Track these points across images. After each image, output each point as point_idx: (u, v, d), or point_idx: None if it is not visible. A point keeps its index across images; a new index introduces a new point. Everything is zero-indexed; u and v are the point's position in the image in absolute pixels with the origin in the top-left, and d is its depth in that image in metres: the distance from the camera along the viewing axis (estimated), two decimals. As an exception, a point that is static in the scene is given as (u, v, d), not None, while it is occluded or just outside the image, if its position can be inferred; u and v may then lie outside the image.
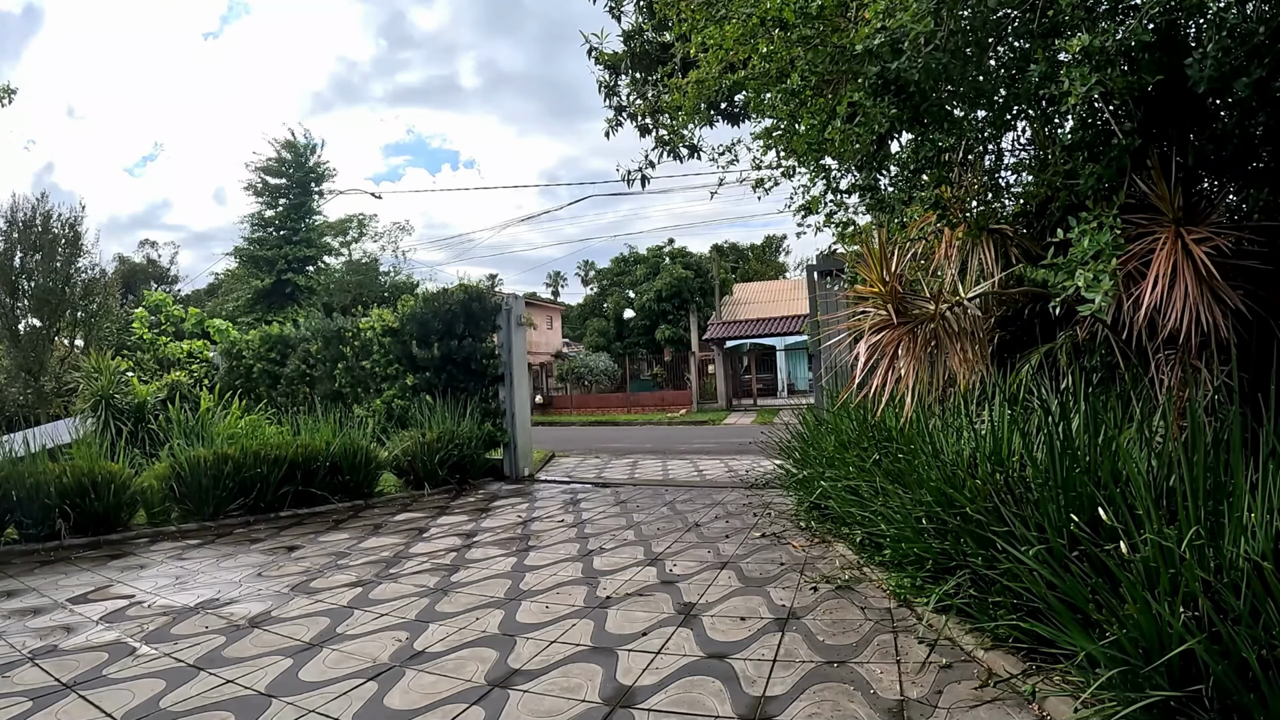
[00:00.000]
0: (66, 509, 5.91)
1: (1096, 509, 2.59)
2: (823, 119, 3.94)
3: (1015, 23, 3.50)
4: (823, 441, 6.31)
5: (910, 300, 4.48)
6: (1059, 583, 2.46)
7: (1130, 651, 2.11)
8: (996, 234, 4.44)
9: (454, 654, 3.24)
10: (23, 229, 16.75)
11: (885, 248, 4.49)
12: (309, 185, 28.92)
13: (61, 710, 2.79)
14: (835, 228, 4.26)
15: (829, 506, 5.04)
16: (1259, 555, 2.08)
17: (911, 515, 3.70)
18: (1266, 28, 2.86)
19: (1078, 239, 3.06)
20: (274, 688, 2.93)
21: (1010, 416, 3.63)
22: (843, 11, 3.90)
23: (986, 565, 2.98)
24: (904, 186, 3.89)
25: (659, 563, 4.70)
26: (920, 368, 4.22)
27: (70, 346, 17.98)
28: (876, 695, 2.60)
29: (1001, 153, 4.64)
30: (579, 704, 2.66)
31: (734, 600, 3.82)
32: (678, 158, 8.14)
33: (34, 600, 4.46)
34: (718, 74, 4.65)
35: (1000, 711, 2.41)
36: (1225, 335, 3.27)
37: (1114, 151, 3.29)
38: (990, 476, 3.34)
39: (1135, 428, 3.20)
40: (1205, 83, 2.86)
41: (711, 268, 33.71)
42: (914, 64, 3.44)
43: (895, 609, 3.50)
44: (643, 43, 8.29)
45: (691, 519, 6.11)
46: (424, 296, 10.30)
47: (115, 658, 3.36)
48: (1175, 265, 3.35)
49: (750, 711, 2.54)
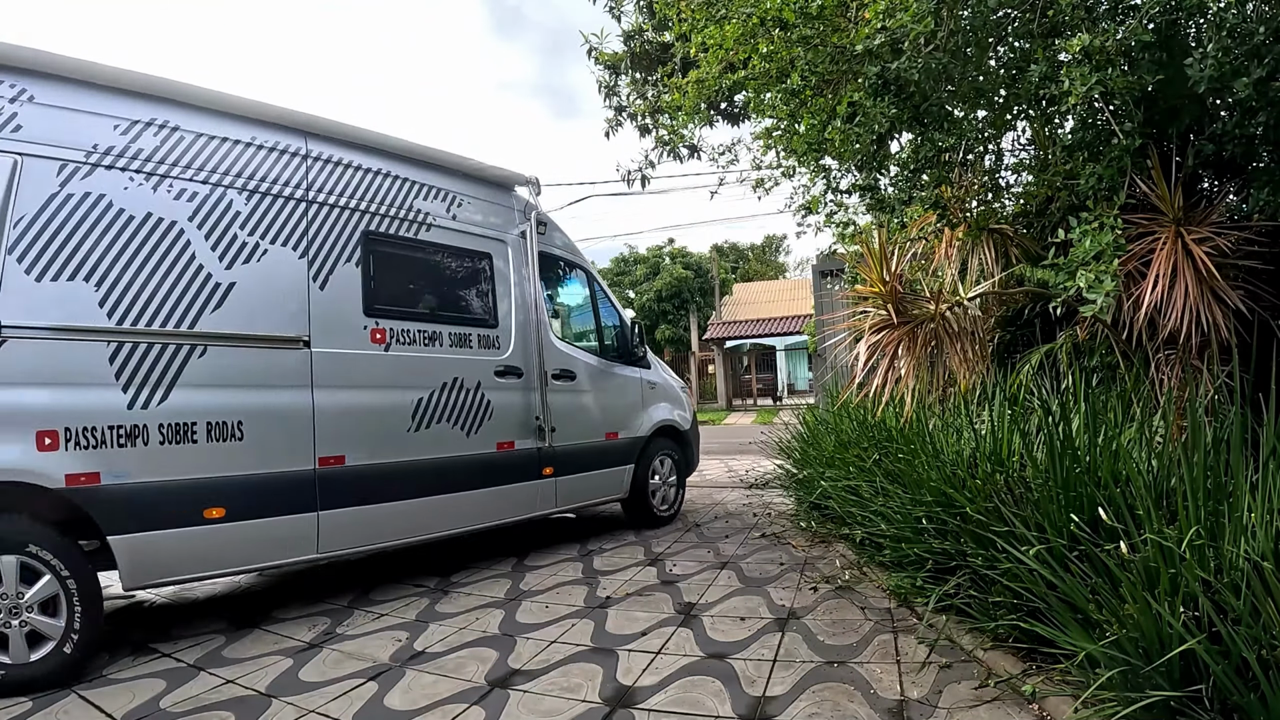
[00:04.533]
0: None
1: (1096, 509, 2.59)
2: (823, 119, 3.95)
3: (1015, 23, 3.51)
4: (823, 441, 6.31)
5: (910, 300, 4.49)
6: (1059, 583, 2.46)
7: (1130, 651, 2.11)
8: (997, 234, 4.44)
9: (453, 653, 3.24)
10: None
11: (885, 248, 4.49)
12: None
13: (61, 710, 2.79)
14: (835, 228, 4.26)
15: (829, 506, 5.04)
16: (1259, 555, 2.08)
17: (911, 515, 3.70)
18: (1266, 28, 2.87)
19: (1079, 239, 3.06)
20: (274, 687, 2.94)
21: (1010, 416, 3.63)
22: (843, 11, 3.90)
23: (986, 565, 2.98)
24: (904, 186, 3.89)
25: (659, 562, 4.71)
26: (920, 368, 4.23)
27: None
28: (876, 695, 2.60)
29: (1001, 153, 4.65)
30: (579, 704, 2.67)
31: (734, 600, 3.82)
32: (678, 158, 8.16)
33: (34, 600, 4.46)
34: (718, 74, 4.65)
35: (1000, 711, 2.41)
36: (1225, 335, 3.28)
37: (1114, 151, 3.29)
38: (990, 476, 3.34)
39: (1135, 428, 3.20)
40: (1205, 83, 2.86)
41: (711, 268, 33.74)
42: (914, 64, 3.44)
43: (895, 609, 3.50)
44: (643, 43, 8.29)
45: (691, 519, 6.11)
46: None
47: (116, 657, 3.36)
48: (1175, 265, 3.36)
49: (750, 711, 2.54)
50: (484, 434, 4.57)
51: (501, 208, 5.08)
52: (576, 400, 5.30)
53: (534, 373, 4.90)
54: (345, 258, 4.04)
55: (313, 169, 4.02)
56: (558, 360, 5.15)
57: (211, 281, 3.53)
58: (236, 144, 3.76)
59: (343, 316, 3.98)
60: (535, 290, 5.01)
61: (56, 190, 3.17)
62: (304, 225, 3.92)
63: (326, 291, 3.92)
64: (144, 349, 3.27)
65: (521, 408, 4.82)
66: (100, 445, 3.11)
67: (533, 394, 4.88)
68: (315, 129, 4.09)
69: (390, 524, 4.11)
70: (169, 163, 3.51)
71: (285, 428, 3.69)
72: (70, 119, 3.27)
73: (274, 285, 3.75)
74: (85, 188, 3.25)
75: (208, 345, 3.47)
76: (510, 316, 4.86)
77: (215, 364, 3.48)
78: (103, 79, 3.40)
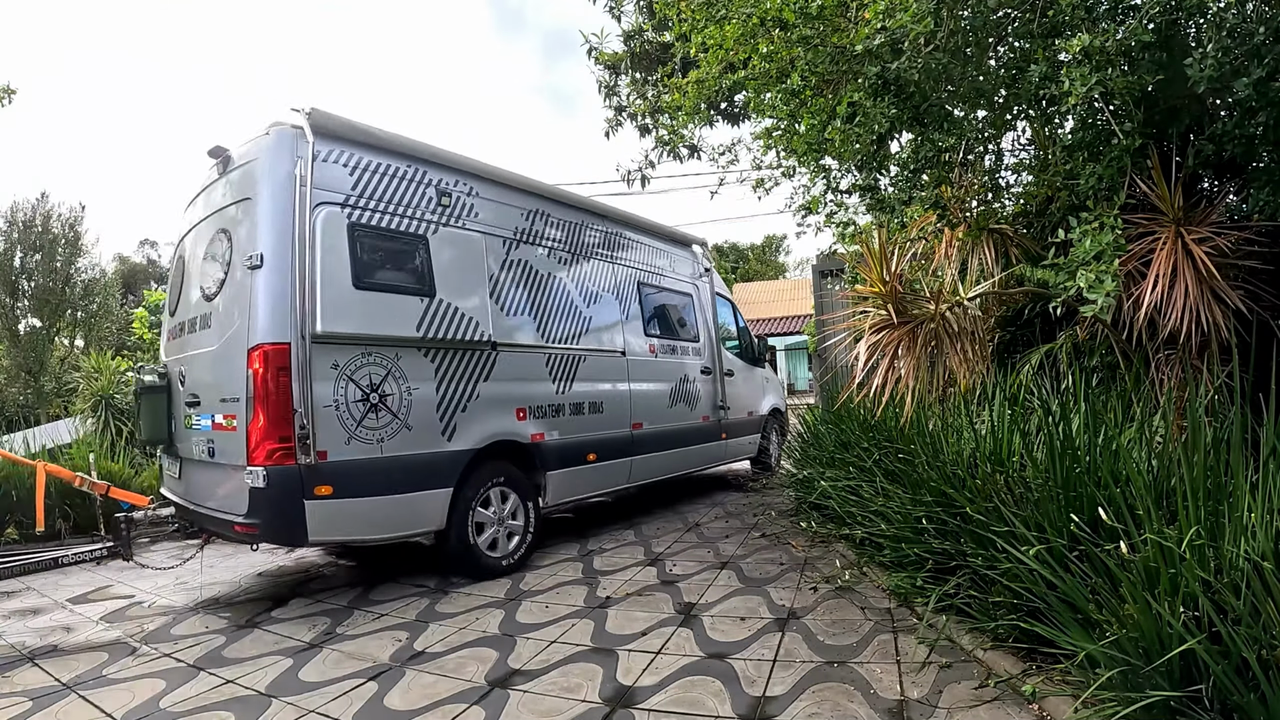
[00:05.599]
0: (67, 509, 5.91)
1: (1096, 509, 2.59)
2: (823, 119, 3.95)
3: (1015, 23, 3.50)
4: (823, 441, 6.31)
5: (910, 300, 4.49)
6: (1059, 583, 2.46)
7: (1130, 651, 2.11)
8: (997, 234, 4.44)
9: (453, 653, 3.24)
10: (23, 229, 16.78)
11: (885, 248, 4.49)
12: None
13: (61, 710, 2.79)
14: (835, 228, 4.26)
15: (829, 506, 5.04)
16: (1259, 555, 2.08)
17: (911, 515, 3.70)
18: (1266, 28, 2.87)
19: (1079, 239, 3.06)
20: (274, 687, 2.94)
21: (1010, 416, 3.62)
22: (843, 11, 3.90)
23: (986, 565, 2.98)
24: (904, 186, 3.89)
25: (659, 563, 4.71)
26: (920, 368, 4.23)
27: (70, 346, 18.00)
28: (876, 695, 2.60)
29: (1001, 153, 4.65)
30: (579, 704, 2.66)
31: (734, 600, 3.82)
32: (678, 158, 8.16)
33: (34, 600, 4.47)
34: (718, 74, 4.66)
35: (1000, 711, 2.41)
36: (1225, 335, 3.28)
37: (1114, 151, 3.29)
38: (990, 476, 3.34)
39: (1135, 428, 3.20)
40: (1205, 83, 2.86)
41: (711, 268, 33.64)
42: (914, 64, 3.44)
43: (895, 609, 3.50)
44: (643, 43, 8.30)
45: (691, 519, 6.11)
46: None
47: (116, 657, 3.36)
48: (1175, 265, 3.36)
49: (750, 711, 2.54)
50: (696, 410, 6.85)
51: (691, 260, 7.50)
52: (734, 390, 7.58)
53: (717, 371, 7.30)
54: (632, 299, 6.23)
55: (618, 243, 6.22)
56: (727, 363, 7.56)
57: (583, 316, 5.53)
58: (584, 227, 5.80)
59: (636, 337, 6.15)
60: (713, 316, 7.48)
61: (505, 257, 4.92)
62: (615, 279, 6.06)
63: (628, 321, 6.08)
64: (560, 358, 5.22)
65: (711, 394, 7.16)
66: (544, 416, 5.00)
67: (716, 384, 7.25)
68: (617, 217, 6.29)
69: (659, 465, 6.25)
70: (550, 239, 5.37)
71: (620, 405, 5.78)
72: (500, 209, 4.96)
73: (606, 318, 5.82)
74: (518, 255, 5.02)
75: (586, 355, 5.47)
76: (703, 334, 7.25)
77: (590, 367, 5.50)
78: (510, 181, 5.09)
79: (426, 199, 4.44)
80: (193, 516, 4.32)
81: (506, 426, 4.64)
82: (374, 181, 4.18)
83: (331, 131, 4.03)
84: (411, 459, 4.07)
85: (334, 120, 4.05)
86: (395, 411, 4.03)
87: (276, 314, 3.68)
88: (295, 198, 3.78)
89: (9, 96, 8.24)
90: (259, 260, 3.75)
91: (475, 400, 4.47)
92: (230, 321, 3.92)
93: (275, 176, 3.84)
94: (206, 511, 4.12)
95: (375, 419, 3.93)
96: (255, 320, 3.71)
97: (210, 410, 4.05)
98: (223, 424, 3.91)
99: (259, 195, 3.87)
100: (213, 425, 4.01)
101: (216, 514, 4.00)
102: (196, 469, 4.31)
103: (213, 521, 4.08)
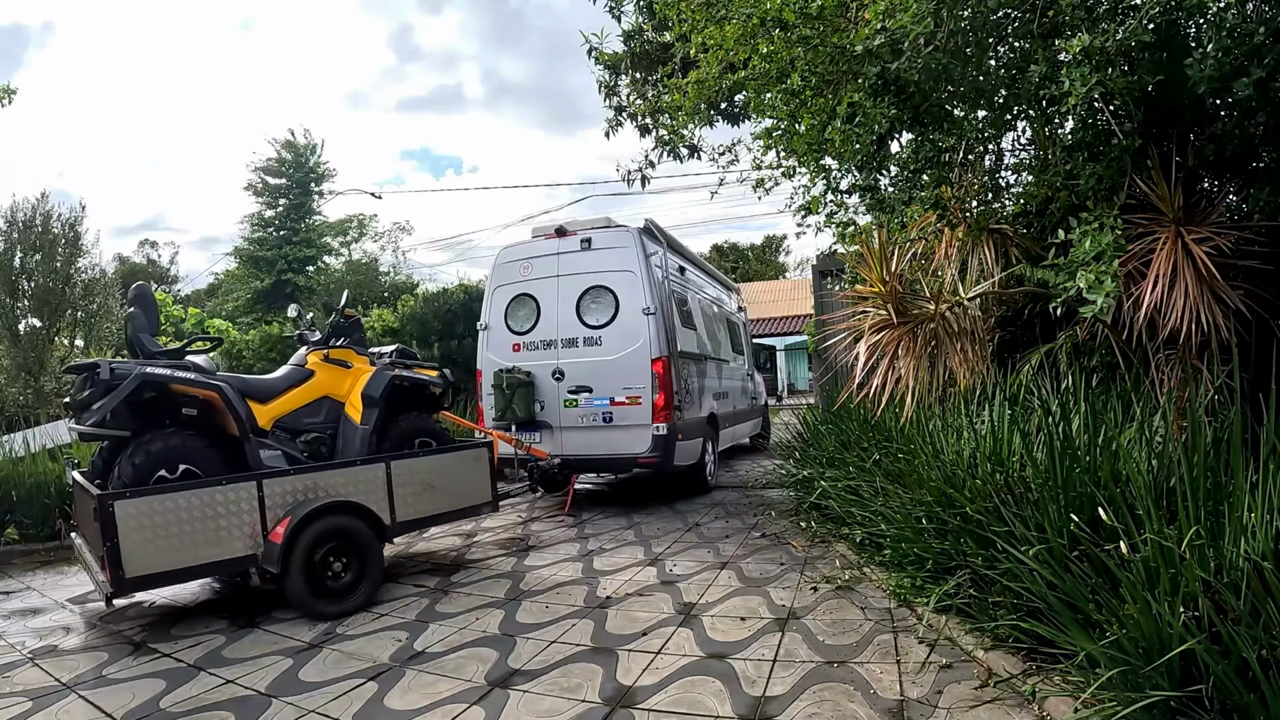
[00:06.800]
0: (67, 509, 5.91)
1: (1096, 509, 2.58)
2: (823, 119, 3.95)
3: (1015, 23, 3.50)
4: (823, 441, 6.30)
5: (910, 300, 4.48)
6: (1059, 583, 2.46)
7: (1130, 651, 2.11)
8: (997, 234, 4.43)
9: (454, 653, 3.24)
10: (23, 229, 16.78)
11: (885, 248, 4.48)
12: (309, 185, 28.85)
13: (61, 710, 2.79)
14: (835, 228, 4.25)
15: (829, 506, 5.04)
16: (1259, 555, 2.08)
17: (911, 515, 3.70)
18: (1266, 28, 2.86)
19: (1079, 240, 3.06)
20: (274, 687, 2.93)
21: (1010, 416, 3.62)
22: (843, 12, 3.90)
23: (986, 565, 2.98)
24: (904, 186, 3.89)
25: (659, 563, 4.71)
26: (920, 368, 4.22)
27: (70, 346, 17.99)
28: (876, 695, 2.60)
29: (1001, 153, 4.65)
30: (579, 704, 2.67)
31: (734, 600, 3.82)
32: (678, 158, 8.15)
33: (34, 600, 4.47)
34: (718, 74, 4.65)
35: (1000, 711, 2.41)
36: (1225, 335, 3.27)
37: (1114, 152, 3.29)
38: (990, 476, 3.34)
39: (1135, 428, 3.20)
40: (1205, 83, 2.85)
41: (711, 268, 33.64)
42: (914, 64, 3.44)
43: (895, 609, 3.50)
44: (643, 43, 8.29)
45: (691, 519, 6.11)
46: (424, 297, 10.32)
47: (116, 657, 3.36)
48: (1175, 265, 3.35)
49: (750, 711, 2.54)
50: (745, 399, 9.91)
51: (736, 297, 10.72)
52: (753, 388, 10.65)
53: (751, 373, 10.70)
54: (724, 328, 9.18)
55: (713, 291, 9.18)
56: (751, 368, 10.80)
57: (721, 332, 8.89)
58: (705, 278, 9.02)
59: (728, 350, 9.21)
60: (746, 337, 10.88)
61: (699, 306, 8.05)
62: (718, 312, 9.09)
63: (720, 339, 8.83)
64: (714, 363, 8.19)
65: (748, 389, 10.19)
66: (718, 400, 8.05)
67: (749, 382, 10.39)
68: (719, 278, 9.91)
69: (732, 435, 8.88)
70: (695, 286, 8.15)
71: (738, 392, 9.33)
72: (692, 276, 8.13)
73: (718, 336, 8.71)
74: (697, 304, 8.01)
75: (724, 363, 8.74)
76: (744, 349, 10.53)
77: (725, 369, 8.72)
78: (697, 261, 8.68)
79: (677, 270, 7.44)
80: (572, 463, 6.58)
81: (710, 405, 7.68)
82: (665, 263, 7.00)
83: (648, 230, 6.87)
84: (694, 420, 7.05)
85: (651, 223, 6.96)
86: (693, 394, 7.10)
87: (660, 340, 6.39)
88: (657, 273, 6.65)
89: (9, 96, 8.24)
90: (653, 309, 6.41)
91: (703, 390, 7.52)
92: (628, 343, 6.42)
93: (641, 260, 6.48)
94: (598, 457, 6.54)
95: (689, 398, 6.87)
96: (652, 343, 6.36)
97: (608, 394, 6.41)
98: (624, 401, 6.36)
99: (638, 271, 6.47)
100: (611, 403, 6.40)
101: (614, 456, 6.45)
102: (579, 433, 6.55)
103: (606, 463, 6.67)
